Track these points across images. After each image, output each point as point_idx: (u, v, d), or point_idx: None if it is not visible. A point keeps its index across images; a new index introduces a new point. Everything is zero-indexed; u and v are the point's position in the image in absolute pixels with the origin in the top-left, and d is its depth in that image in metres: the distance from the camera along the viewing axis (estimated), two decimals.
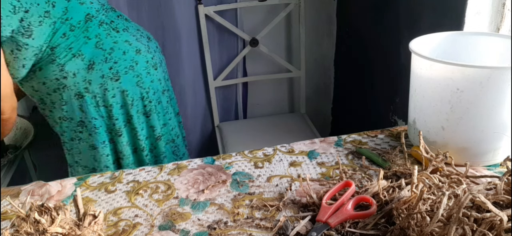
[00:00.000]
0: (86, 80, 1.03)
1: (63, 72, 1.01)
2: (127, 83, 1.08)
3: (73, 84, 1.03)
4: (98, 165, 1.14)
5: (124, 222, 0.70)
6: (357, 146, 0.89)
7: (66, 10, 0.97)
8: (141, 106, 1.14)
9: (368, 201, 0.67)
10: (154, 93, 1.16)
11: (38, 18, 0.92)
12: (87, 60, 1.02)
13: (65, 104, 1.05)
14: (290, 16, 1.89)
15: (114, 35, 1.07)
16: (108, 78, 1.05)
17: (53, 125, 1.14)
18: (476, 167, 0.77)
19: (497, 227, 0.52)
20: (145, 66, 1.12)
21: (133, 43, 1.10)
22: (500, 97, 0.69)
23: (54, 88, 1.03)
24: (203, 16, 1.73)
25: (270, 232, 0.65)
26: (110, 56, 1.05)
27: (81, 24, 1.00)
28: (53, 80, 1.02)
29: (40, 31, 0.93)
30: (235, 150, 1.11)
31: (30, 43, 0.93)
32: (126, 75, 1.08)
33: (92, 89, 1.04)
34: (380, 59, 1.58)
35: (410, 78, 0.82)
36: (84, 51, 1.01)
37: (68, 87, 1.03)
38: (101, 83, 1.04)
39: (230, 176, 0.81)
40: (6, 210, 0.75)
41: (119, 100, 1.09)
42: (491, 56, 0.82)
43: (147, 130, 1.19)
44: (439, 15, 1.18)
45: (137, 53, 1.10)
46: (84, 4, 1.02)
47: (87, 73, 1.03)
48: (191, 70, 1.84)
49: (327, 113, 2.21)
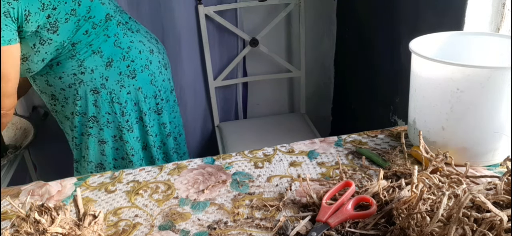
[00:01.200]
0: (103, 76, 1.07)
1: (81, 68, 1.04)
2: (142, 81, 1.13)
3: (90, 79, 1.06)
4: (106, 160, 1.17)
5: (124, 222, 0.70)
6: (357, 146, 0.89)
7: (90, 9, 1.01)
8: (154, 104, 1.19)
9: (368, 201, 0.67)
10: (164, 91, 1.22)
11: (64, 15, 0.96)
12: (105, 57, 1.06)
13: (79, 99, 1.08)
14: (290, 16, 1.89)
15: (130, 34, 1.12)
16: (125, 75, 1.10)
17: (61, 120, 1.16)
18: (476, 167, 0.77)
19: (497, 227, 0.52)
20: (157, 65, 1.18)
21: (146, 43, 1.16)
22: (500, 97, 0.69)
23: (70, 83, 1.06)
24: (203, 16, 1.73)
25: (270, 232, 0.65)
26: (128, 55, 1.10)
27: (102, 23, 1.05)
28: (70, 75, 1.05)
29: (65, 27, 0.97)
30: (235, 150, 1.11)
31: (54, 38, 0.97)
32: (142, 74, 1.13)
33: (108, 85, 1.08)
34: (380, 59, 1.58)
35: (410, 78, 0.82)
36: (103, 48, 1.06)
37: (85, 83, 1.06)
38: (118, 79, 1.09)
39: (230, 176, 0.81)
40: (6, 210, 0.75)
41: (134, 97, 1.13)
42: (491, 56, 0.82)
43: (158, 127, 1.23)
44: (439, 15, 1.18)
45: (151, 53, 1.16)
46: (104, 4, 1.07)
47: (105, 69, 1.07)
48: (191, 70, 1.84)
49: (327, 113, 2.21)
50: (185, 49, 1.78)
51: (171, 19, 1.70)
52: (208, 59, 1.82)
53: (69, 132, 1.17)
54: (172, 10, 1.69)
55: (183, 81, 1.83)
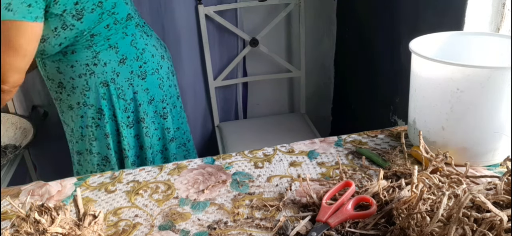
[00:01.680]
0: (115, 71, 1.09)
1: (95, 59, 1.06)
2: (151, 84, 1.16)
3: (101, 72, 1.08)
4: (111, 153, 1.18)
5: (124, 222, 0.70)
6: (357, 146, 0.89)
7: (115, 5, 1.05)
8: (160, 108, 1.21)
9: (368, 201, 0.67)
10: (170, 97, 1.24)
11: (92, 5, 0.99)
12: (120, 54, 1.09)
13: (88, 90, 1.10)
14: (290, 16, 1.89)
15: (145, 37, 1.16)
16: (136, 75, 1.12)
17: (63, 110, 1.16)
18: (476, 167, 0.77)
19: (497, 227, 0.52)
20: (166, 71, 1.22)
21: (158, 49, 1.19)
22: (500, 97, 0.69)
23: (80, 73, 1.07)
24: (203, 16, 1.73)
25: (270, 232, 0.65)
26: (142, 56, 1.13)
27: (123, 20, 1.08)
28: (82, 65, 1.06)
29: (90, 17, 1.00)
30: (235, 150, 1.11)
31: (76, 25, 0.99)
32: (152, 76, 1.16)
33: (118, 81, 1.10)
34: (380, 59, 1.58)
35: (410, 78, 0.82)
36: (120, 45, 1.09)
37: (96, 74, 1.08)
38: (128, 77, 1.11)
39: (230, 176, 0.81)
40: (6, 210, 0.75)
41: (139, 97, 1.15)
42: (491, 56, 0.82)
43: (161, 131, 1.24)
44: (439, 15, 1.18)
45: (162, 59, 1.20)
46: (127, 4, 1.10)
47: (118, 65, 1.09)
48: (191, 70, 1.84)
49: (327, 113, 2.21)
50: (185, 49, 1.78)
51: (171, 19, 1.70)
52: (208, 59, 1.82)
53: (69, 123, 1.17)
54: (172, 10, 1.69)
55: (183, 81, 1.83)
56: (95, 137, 1.16)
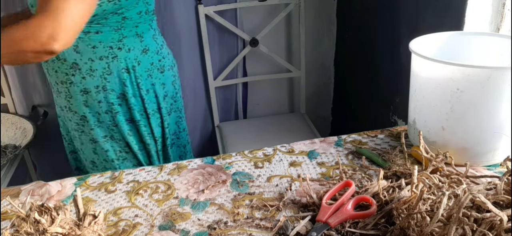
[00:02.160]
0: (137, 59, 1.09)
1: (121, 43, 1.05)
2: (167, 79, 1.18)
3: (124, 58, 1.06)
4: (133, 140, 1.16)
5: (124, 222, 0.70)
6: (357, 146, 0.89)
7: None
8: (169, 104, 1.22)
9: (368, 201, 0.67)
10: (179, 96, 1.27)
11: None
12: (144, 44, 1.10)
13: (109, 74, 1.06)
14: (290, 16, 1.89)
15: (161, 36, 1.19)
16: (155, 68, 1.14)
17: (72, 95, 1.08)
18: (476, 167, 0.77)
19: (497, 227, 0.52)
20: (177, 71, 1.25)
21: (169, 50, 1.23)
22: (500, 97, 0.69)
23: (102, 56, 1.04)
24: (203, 16, 1.73)
25: (270, 232, 0.65)
26: (161, 51, 1.15)
27: (151, 13, 1.11)
28: (106, 47, 1.04)
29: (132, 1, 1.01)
30: (235, 150, 1.11)
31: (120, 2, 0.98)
32: (168, 72, 1.18)
33: (138, 70, 1.10)
34: (380, 59, 1.58)
35: (410, 78, 0.82)
36: (145, 36, 1.10)
37: (119, 59, 1.06)
38: (148, 68, 1.12)
39: (230, 176, 0.81)
40: (6, 210, 0.75)
41: (157, 90, 1.16)
42: (491, 56, 0.82)
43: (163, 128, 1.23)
44: (439, 15, 1.18)
45: (174, 58, 1.23)
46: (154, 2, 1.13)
47: (140, 54, 1.10)
48: (191, 70, 1.84)
49: (327, 113, 2.21)
50: (185, 49, 1.78)
51: (171, 19, 1.70)
52: (208, 59, 1.82)
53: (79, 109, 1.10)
54: (172, 10, 1.69)
55: (183, 81, 1.83)
56: (117, 122, 1.12)
